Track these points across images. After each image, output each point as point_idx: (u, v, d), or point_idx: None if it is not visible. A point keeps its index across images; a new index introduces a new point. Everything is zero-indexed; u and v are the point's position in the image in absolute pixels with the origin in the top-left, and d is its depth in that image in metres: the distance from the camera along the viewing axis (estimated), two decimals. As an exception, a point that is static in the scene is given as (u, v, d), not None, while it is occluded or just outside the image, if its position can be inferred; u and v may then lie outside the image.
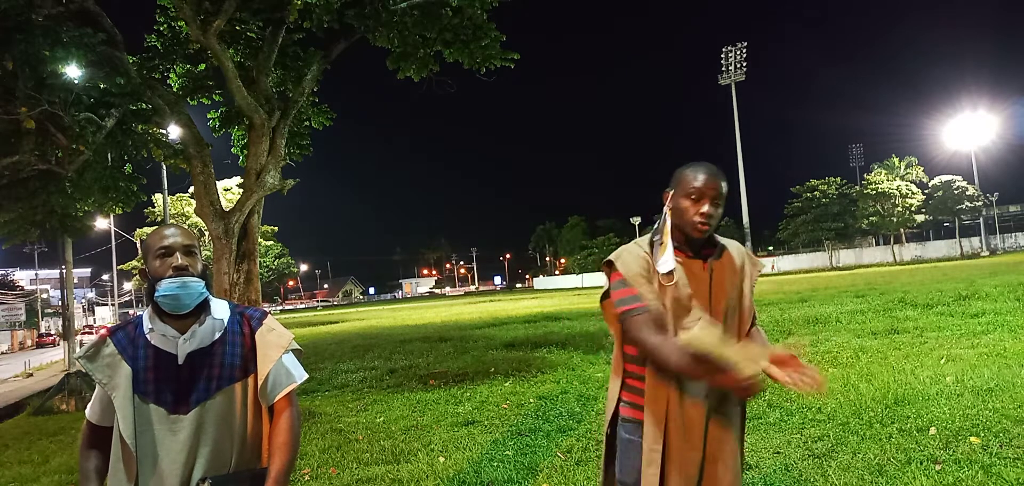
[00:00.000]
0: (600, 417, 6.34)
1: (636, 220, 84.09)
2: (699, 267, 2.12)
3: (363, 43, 9.21)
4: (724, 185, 2.09)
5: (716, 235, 2.21)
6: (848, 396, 6.21)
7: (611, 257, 2.19)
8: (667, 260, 2.08)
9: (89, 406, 1.95)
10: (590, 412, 6.66)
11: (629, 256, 2.16)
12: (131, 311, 70.99)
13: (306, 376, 2.08)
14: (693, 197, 2.06)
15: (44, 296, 74.80)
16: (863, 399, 6.04)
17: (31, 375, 25.64)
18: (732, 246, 2.23)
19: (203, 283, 1.89)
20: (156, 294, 1.84)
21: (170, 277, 1.84)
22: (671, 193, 2.14)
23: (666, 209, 2.14)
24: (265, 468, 1.90)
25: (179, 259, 1.86)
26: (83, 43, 7.07)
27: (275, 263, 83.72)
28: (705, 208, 2.04)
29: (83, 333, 47.85)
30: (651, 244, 2.15)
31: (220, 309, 1.98)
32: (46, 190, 8.90)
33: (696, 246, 2.13)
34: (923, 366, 7.42)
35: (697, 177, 2.06)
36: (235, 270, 8.26)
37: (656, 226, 2.16)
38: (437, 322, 24.79)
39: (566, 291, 60.32)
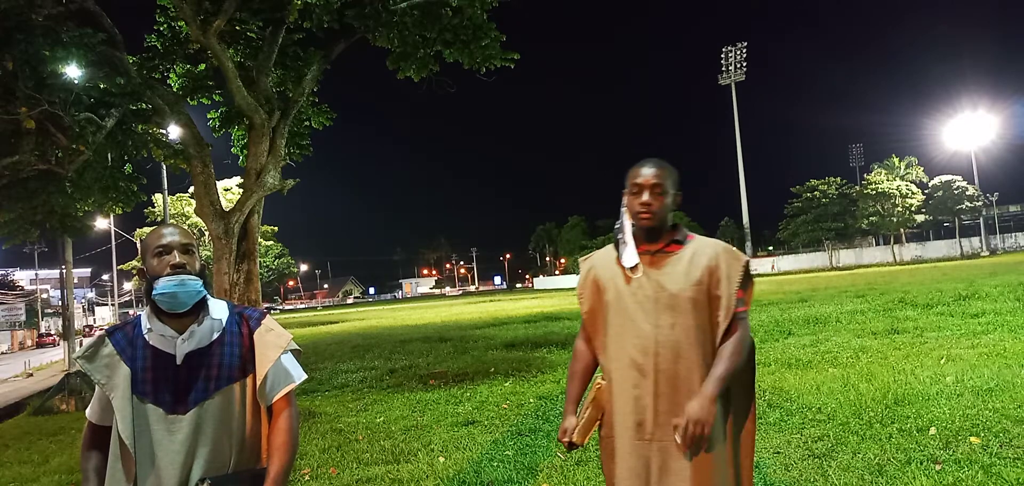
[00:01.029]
0: (600, 417, 6.33)
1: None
2: (647, 264, 2.21)
3: (363, 43, 9.22)
4: (666, 176, 2.20)
5: (693, 234, 2.29)
6: (848, 396, 6.20)
7: (579, 260, 2.46)
8: (630, 254, 2.22)
9: (89, 406, 1.95)
10: (590, 412, 6.65)
11: (584, 264, 2.41)
12: (131, 311, 71.00)
13: (305, 376, 2.07)
14: (634, 192, 2.21)
15: (44, 296, 74.80)
16: (863, 399, 6.03)
17: (31, 375, 25.66)
18: (706, 244, 2.25)
19: (201, 281, 1.89)
20: (153, 292, 1.84)
21: (167, 275, 1.83)
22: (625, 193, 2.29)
23: (623, 206, 2.27)
24: (264, 468, 1.90)
25: (176, 257, 1.86)
26: (83, 43, 7.08)
27: (275, 263, 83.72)
28: (644, 198, 2.18)
29: (83, 333, 47.87)
30: (616, 244, 2.29)
31: (218, 309, 1.97)
32: (46, 190, 8.91)
33: (651, 239, 2.22)
34: (923, 366, 7.41)
35: (638, 173, 2.22)
36: (235, 270, 8.27)
37: (618, 224, 2.30)
38: (437, 322, 24.80)
39: (566, 291, 60.32)
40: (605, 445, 2.26)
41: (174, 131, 9.04)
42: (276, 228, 67.79)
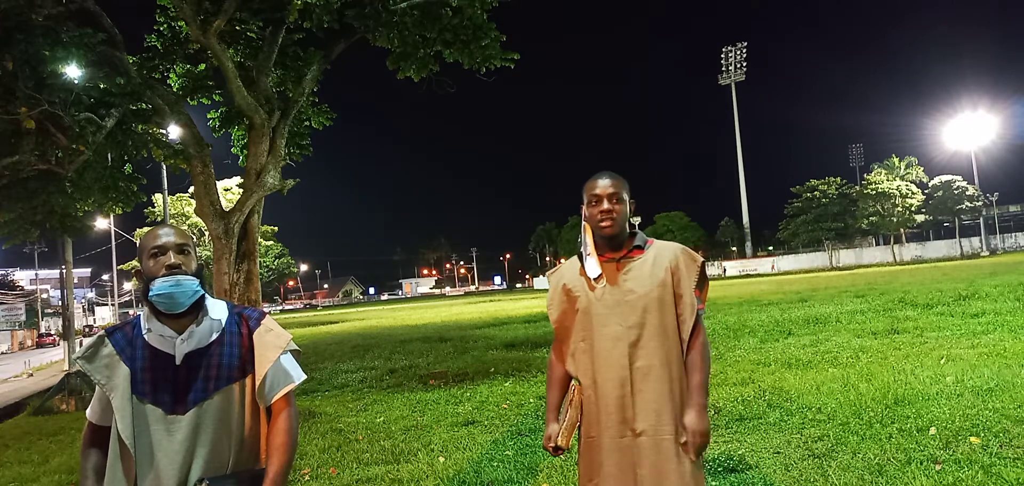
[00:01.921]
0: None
1: (636, 220, 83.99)
2: (613, 270, 2.34)
3: (363, 43, 9.21)
4: (621, 185, 2.34)
5: (652, 238, 2.42)
6: (848, 396, 6.20)
7: (547, 275, 2.53)
8: (593, 265, 2.34)
9: (90, 406, 1.95)
10: (590, 412, 6.65)
11: (553, 276, 2.51)
12: (131, 311, 70.97)
13: (304, 377, 2.07)
14: (593, 203, 2.34)
15: (44, 296, 74.80)
16: (863, 399, 6.03)
17: (31, 375, 25.65)
18: (665, 247, 2.38)
19: (197, 281, 1.88)
20: (150, 293, 1.84)
21: (163, 276, 1.83)
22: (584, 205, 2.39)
23: (583, 220, 2.38)
24: (263, 469, 1.89)
25: (172, 258, 1.85)
26: (83, 43, 7.07)
27: (275, 263, 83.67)
28: (603, 207, 2.31)
29: (83, 333, 47.86)
30: (579, 256, 2.40)
31: (218, 309, 1.97)
32: (46, 190, 8.90)
33: (614, 246, 2.35)
34: (923, 366, 7.41)
35: (594, 185, 2.34)
36: (235, 270, 8.26)
37: (580, 238, 2.42)
38: (437, 322, 24.80)
39: (566, 291, 60.19)
40: (588, 444, 2.35)
41: (174, 131, 9.03)
42: (276, 228, 67.69)
